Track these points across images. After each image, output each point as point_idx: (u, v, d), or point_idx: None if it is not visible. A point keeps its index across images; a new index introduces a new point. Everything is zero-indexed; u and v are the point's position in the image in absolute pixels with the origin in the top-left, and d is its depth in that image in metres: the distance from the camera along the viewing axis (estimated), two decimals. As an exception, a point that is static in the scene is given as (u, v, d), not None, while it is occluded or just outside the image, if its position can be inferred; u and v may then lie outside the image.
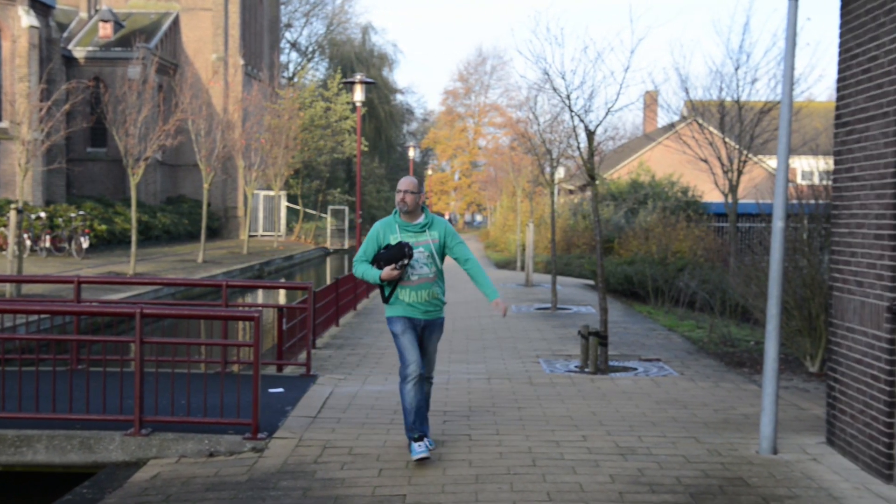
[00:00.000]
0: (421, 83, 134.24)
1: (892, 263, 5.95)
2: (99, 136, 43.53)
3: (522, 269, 28.31)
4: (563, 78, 11.75)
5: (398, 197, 6.68)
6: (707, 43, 68.91)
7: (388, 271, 6.50)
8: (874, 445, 6.13)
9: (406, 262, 6.48)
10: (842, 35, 6.74)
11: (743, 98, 19.13)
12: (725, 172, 19.03)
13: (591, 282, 23.88)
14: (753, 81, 18.90)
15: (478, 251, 43.55)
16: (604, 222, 27.63)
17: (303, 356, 10.87)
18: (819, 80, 41.30)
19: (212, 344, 10.19)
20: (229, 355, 9.93)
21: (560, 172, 25.46)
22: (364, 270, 6.69)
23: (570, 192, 41.49)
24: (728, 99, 19.35)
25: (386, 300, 6.71)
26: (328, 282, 16.20)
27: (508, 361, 11.26)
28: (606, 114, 11.51)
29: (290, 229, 54.44)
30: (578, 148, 12.42)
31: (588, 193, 31.52)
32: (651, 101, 40.05)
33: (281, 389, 9.00)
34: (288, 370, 10.41)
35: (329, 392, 9.06)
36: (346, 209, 57.14)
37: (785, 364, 10.98)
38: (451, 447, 6.97)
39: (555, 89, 11.99)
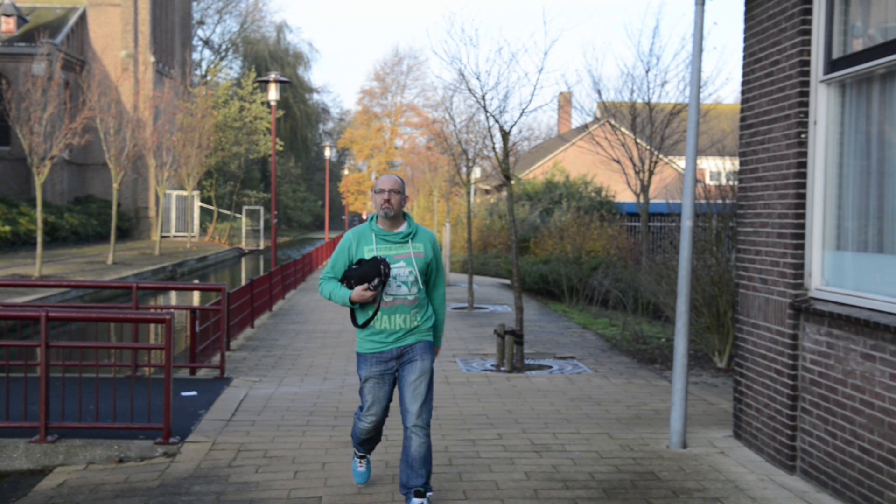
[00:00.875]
0: (337, 82, 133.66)
1: (794, 261, 6.15)
2: (2, 134, 42.09)
3: (439, 268, 28.36)
4: (477, 79, 11.84)
5: (380, 199, 5.36)
6: (619, 45, 70.24)
7: (360, 292, 5.26)
8: (778, 438, 6.33)
9: (381, 281, 5.23)
10: (746, 40, 6.94)
11: (653, 100, 19.57)
12: (637, 173, 19.43)
13: (508, 281, 24.09)
14: (663, 84, 19.37)
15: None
16: (519, 222, 27.89)
17: (216, 358, 10.71)
18: (726, 83, 42.58)
19: (122, 347, 9.95)
20: (140, 359, 9.71)
21: (476, 172, 25.65)
22: (331, 290, 5.44)
23: (487, 192, 41.77)
24: (639, 101, 19.78)
25: (361, 326, 5.45)
26: (243, 283, 15.98)
27: (425, 361, 11.27)
28: (521, 114, 11.65)
29: (203, 230, 53.52)
30: (494, 148, 12.54)
31: (504, 193, 31.80)
32: (565, 102, 40.62)
33: (194, 392, 8.84)
34: (201, 373, 10.24)
35: (244, 394, 8.94)
36: (262, 209, 56.45)
37: (695, 360, 11.25)
38: (368, 448, 6.95)
39: (470, 90, 12.08)
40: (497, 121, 11.63)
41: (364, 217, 62.37)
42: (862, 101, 5.74)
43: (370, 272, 5.25)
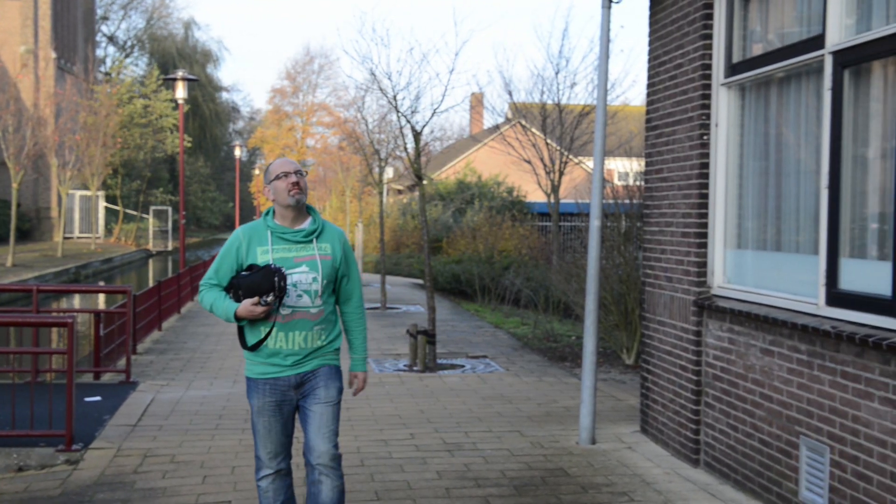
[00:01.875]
0: (248, 81, 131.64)
1: (697, 260, 6.31)
2: None
3: (352, 269, 28.27)
4: (389, 78, 11.84)
5: (285, 183, 4.33)
6: (529, 47, 71.18)
7: (248, 307, 4.21)
8: (683, 432, 6.48)
9: (276, 296, 4.20)
10: (651, 43, 7.09)
11: (563, 101, 19.85)
12: (548, 173, 19.69)
13: (421, 281, 24.12)
14: (573, 85, 19.70)
15: (307, 252, 42.96)
16: (432, 222, 27.96)
17: (122, 363, 10.44)
18: (633, 85, 43.47)
19: (21, 352, 9.63)
20: (42, 364, 9.41)
21: (389, 172, 25.62)
22: (213, 301, 4.37)
23: (399, 192, 41.75)
24: (549, 102, 20.05)
25: (250, 347, 4.37)
26: (150, 285, 15.63)
27: (337, 362, 11.21)
28: (432, 115, 11.70)
29: (109, 231, 52.13)
30: (406, 148, 12.54)
31: (416, 193, 31.84)
32: (477, 102, 40.87)
33: (98, 398, 8.60)
34: (106, 377, 9.97)
35: (150, 399, 8.74)
36: (170, 210, 55.27)
37: (604, 357, 11.45)
38: (279, 451, 6.87)
39: (381, 90, 12.06)
40: (409, 121, 11.65)
41: None
42: (760, 103, 5.92)
43: (262, 284, 4.20)
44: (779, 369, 5.31)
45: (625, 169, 18.69)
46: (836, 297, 4.90)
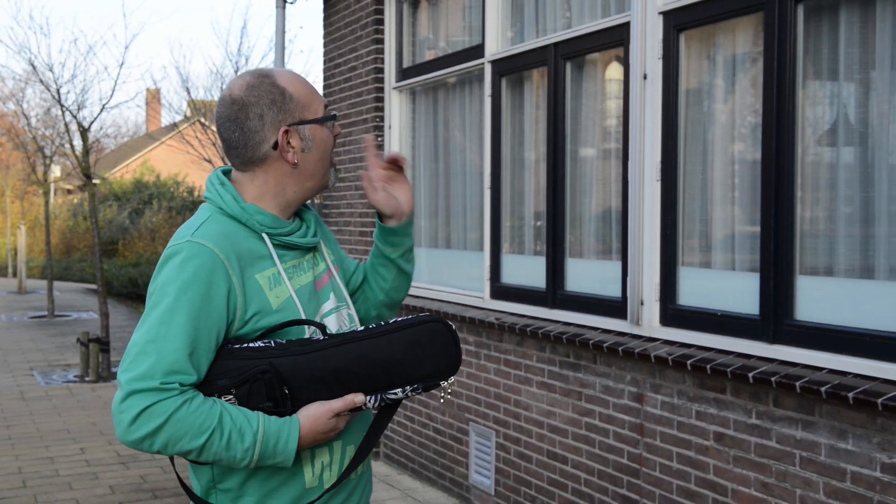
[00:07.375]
0: None
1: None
2: None
3: (15, 275, 26.09)
4: (51, 70, 11.07)
5: (331, 138, 2.15)
6: (208, 44, 69.35)
7: (328, 421, 1.86)
8: (364, 426, 6.64)
9: (377, 400, 1.92)
10: (325, 45, 7.18)
11: (243, 100, 19.57)
12: (229, 173, 19.32)
13: (94, 286, 22.75)
14: (253, 84, 19.46)
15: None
16: (107, 223, 26.48)
17: None
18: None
19: None
20: None
21: (56, 171, 23.92)
22: (215, 421, 1.77)
23: (69, 191, 39.08)
24: (230, 100, 19.67)
25: None
26: None
27: (-3, 377, 10.28)
28: (101, 110, 11.11)
29: None
30: (73, 145, 11.79)
31: (88, 193, 30.00)
32: (153, 99, 39.23)
33: None
34: None
35: None
36: None
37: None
38: (-76, 479, 6.18)
39: (43, 82, 11.23)
40: (75, 116, 10.96)
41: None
42: (430, 107, 6.20)
43: (349, 380, 1.88)
44: (450, 360, 5.58)
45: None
46: (500, 290, 5.24)
